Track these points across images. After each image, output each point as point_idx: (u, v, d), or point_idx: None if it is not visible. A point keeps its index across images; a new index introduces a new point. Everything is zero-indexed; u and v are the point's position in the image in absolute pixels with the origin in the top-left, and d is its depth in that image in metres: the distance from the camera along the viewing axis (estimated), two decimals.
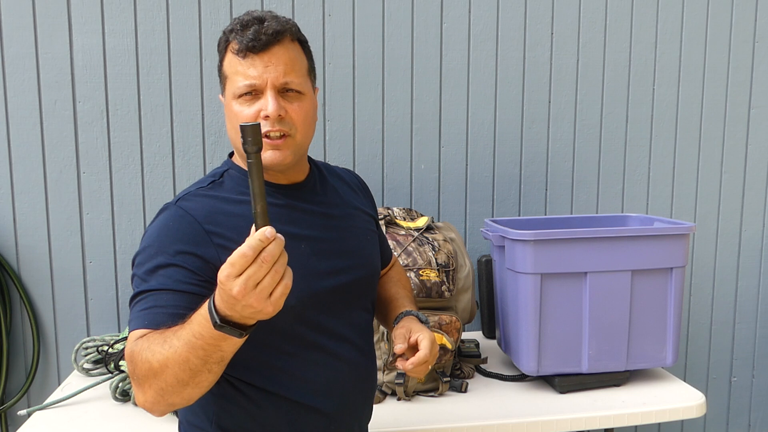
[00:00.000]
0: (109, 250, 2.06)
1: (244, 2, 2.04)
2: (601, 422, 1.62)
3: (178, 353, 0.87)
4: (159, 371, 0.89)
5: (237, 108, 1.09)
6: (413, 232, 1.78)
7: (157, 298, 0.99)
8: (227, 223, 1.08)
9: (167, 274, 1.01)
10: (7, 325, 2.01)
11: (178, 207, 1.09)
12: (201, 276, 1.02)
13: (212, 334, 0.85)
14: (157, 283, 1.01)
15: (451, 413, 1.60)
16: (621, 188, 2.35)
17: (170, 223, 1.07)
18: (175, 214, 1.08)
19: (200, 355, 0.87)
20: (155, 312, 0.98)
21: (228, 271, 0.80)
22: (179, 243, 1.03)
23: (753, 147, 2.42)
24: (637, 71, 2.31)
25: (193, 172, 2.07)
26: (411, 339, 1.16)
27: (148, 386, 0.91)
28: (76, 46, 1.98)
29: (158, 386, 0.90)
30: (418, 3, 2.15)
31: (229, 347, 0.88)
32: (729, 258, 2.45)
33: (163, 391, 0.90)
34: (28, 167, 2.00)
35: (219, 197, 1.12)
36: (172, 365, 0.88)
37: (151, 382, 0.91)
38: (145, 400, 0.93)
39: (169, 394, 0.91)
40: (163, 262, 1.02)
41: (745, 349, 2.51)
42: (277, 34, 1.08)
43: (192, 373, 0.88)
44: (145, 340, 0.94)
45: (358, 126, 2.16)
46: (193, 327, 0.87)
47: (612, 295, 1.71)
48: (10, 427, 2.08)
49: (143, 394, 0.93)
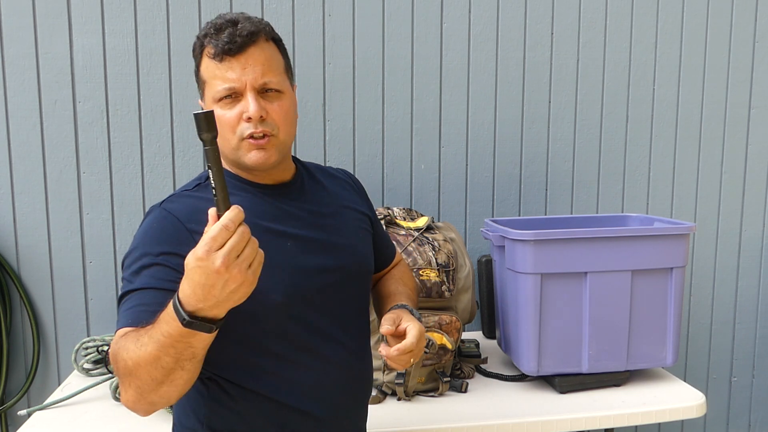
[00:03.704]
0: (109, 250, 2.06)
1: (244, 2, 2.04)
2: (601, 422, 1.62)
3: (149, 352, 0.87)
4: (134, 370, 0.89)
5: (218, 112, 1.09)
6: (413, 232, 1.78)
7: (141, 296, 1.00)
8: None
9: (151, 273, 1.02)
10: (7, 325, 2.01)
11: (162, 209, 1.10)
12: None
13: (180, 331, 0.85)
14: (141, 282, 1.02)
15: (451, 413, 1.60)
16: (621, 188, 2.35)
17: (154, 225, 1.08)
18: (159, 215, 1.09)
19: (171, 353, 0.87)
20: (138, 310, 0.99)
21: (209, 246, 0.82)
22: (163, 243, 1.04)
23: (753, 147, 2.42)
24: (637, 71, 2.31)
25: (193, 172, 2.07)
26: (400, 326, 1.14)
27: (128, 385, 0.92)
28: (76, 46, 1.98)
29: (136, 385, 0.91)
30: (418, 3, 2.15)
31: (199, 343, 0.88)
32: (729, 258, 2.45)
33: (141, 389, 0.91)
34: (28, 167, 2.00)
35: (203, 198, 1.12)
36: (145, 364, 0.88)
37: (129, 381, 0.91)
38: (127, 398, 0.93)
39: (147, 393, 0.91)
40: (147, 262, 1.03)
41: (745, 349, 2.51)
42: (251, 35, 1.08)
43: (165, 372, 0.88)
44: (124, 338, 0.94)
45: (358, 126, 2.16)
46: (161, 326, 0.87)
47: (612, 295, 1.71)
48: (10, 427, 2.08)
49: (125, 393, 0.93)
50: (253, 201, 1.14)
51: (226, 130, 1.09)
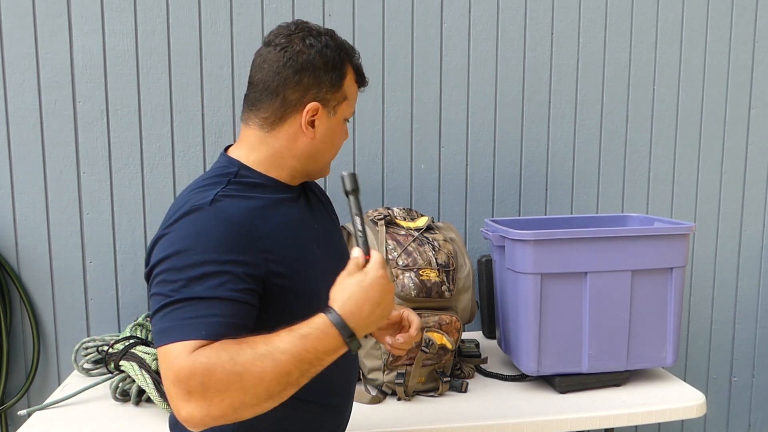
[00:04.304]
0: (109, 250, 2.06)
1: (244, 2, 2.04)
2: (601, 422, 1.62)
3: (281, 367, 0.88)
4: (249, 385, 0.88)
5: (342, 128, 1.18)
6: (413, 232, 1.78)
7: (211, 306, 0.94)
8: (266, 228, 1.05)
9: (218, 282, 0.95)
10: (7, 325, 2.01)
11: (217, 209, 1.02)
12: (249, 285, 0.99)
13: (336, 347, 0.92)
14: (207, 291, 0.94)
15: (451, 413, 1.60)
16: (621, 188, 2.35)
17: (213, 227, 1.00)
18: (213, 216, 1.01)
19: (304, 368, 0.90)
20: (213, 322, 0.92)
21: (384, 267, 0.95)
22: (227, 249, 0.98)
23: (753, 147, 2.42)
24: (637, 71, 2.31)
25: (193, 172, 2.07)
26: (404, 313, 1.21)
27: (221, 400, 0.87)
28: (76, 46, 1.98)
29: (238, 400, 0.88)
30: (418, 3, 2.15)
31: (332, 360, 0.94)
32: (729, 258, 2.45)
33: (242, 404, 0.88)
34: (28, 167, 2.00)
35: (248, 197, 1.07)
36: (270, 378, 0.88)
37: (229, 396, 0.88)
38: (207, 413, 0.88)
39: (246, 408, 0.89)
40: (212, 270, 0.96)
41: (745, 349, 2.51)
42: None
43: (287, 387, 0.90)
44: (221, 351, 0.89)
45: (358, 126, 2.16)
46: (306, 342, 0.90)
47: (612, 295, 1.71)
48: (10, 427, 2.08)
49: (208, 408, 0.88)
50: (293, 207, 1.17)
51: (336, 145, 1.18)
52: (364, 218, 1.04)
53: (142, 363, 1.62)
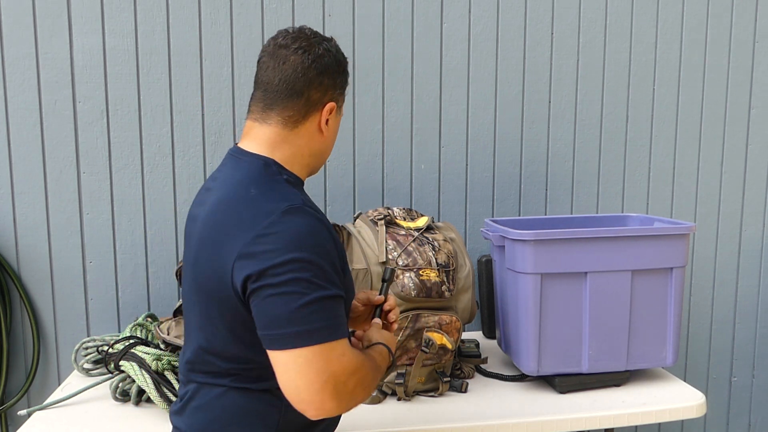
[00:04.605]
0: (109, 250, 2.06)
1: (244, 2, 2.04)
2: (601, 422, 1.62)
3: (376, 371, 1.13)
4: (372, 384, 1.10)
5: (336, 125, 1.24)
6: (413, 232, 1.78)
7: (340, 306, 1.06)
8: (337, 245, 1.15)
9: (338, 279, 1.07)
10: (7, 325, 2.01)
11: (319, 220, 1.08)
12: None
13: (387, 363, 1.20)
14: (337, 290, 1.05)
15: (451, 413, 1.60)
16: (621, 188, 2.35)
17: (327, 234, 1.08)
18: (323, 226, 1.08)
19: (378, 375, 1.14)
20: (344, 321, 1.07)
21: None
22: (340, 256, 1.11)
23: (753, 147, 2.42)
24: (637, 71, 2.31)
25: (193, 172, 2.07)
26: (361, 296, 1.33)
27: (362, 391, 1.07)
28: (76, 46, 1.98)
29: (365, 395, 1.09)
30: (418, 3, 2.15)
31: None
32: (729, 258, 2.45)
33: (363, 400, 1.09)
34: (28, 167, 2.00)
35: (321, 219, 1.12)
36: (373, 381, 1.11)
37: (366, 392, 1.08)
38: (346, 406, 1.05)
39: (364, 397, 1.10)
40: (335, 271, 1.07)
41: (745, 349, 2.51)
42: None
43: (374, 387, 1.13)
44: (359, 353, 1.09)
45: (358, 126, 2.16)
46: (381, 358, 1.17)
47: (612, 295, 1.71)
48: (10, 427, 2.08)
49: (348, 402, 1.04)
50: None
51: (334, 143, 1.26)
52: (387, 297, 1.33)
53: (142, 363, 1.62)
